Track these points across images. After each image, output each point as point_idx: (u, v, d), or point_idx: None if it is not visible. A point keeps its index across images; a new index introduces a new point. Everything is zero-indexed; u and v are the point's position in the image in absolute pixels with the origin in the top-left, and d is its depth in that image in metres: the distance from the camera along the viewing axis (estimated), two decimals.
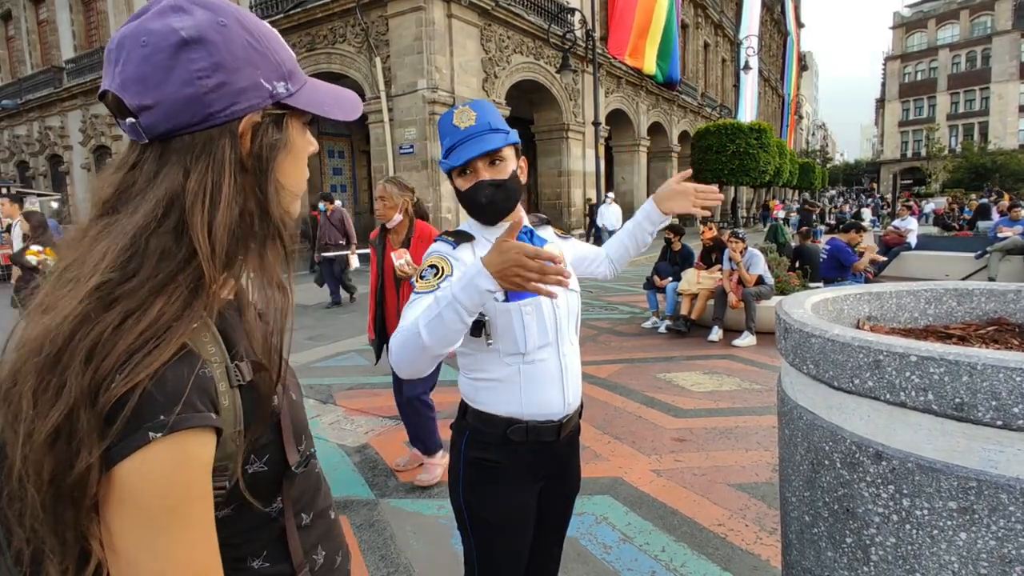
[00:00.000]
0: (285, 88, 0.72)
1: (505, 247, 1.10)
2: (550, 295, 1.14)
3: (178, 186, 0.64)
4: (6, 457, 0.58)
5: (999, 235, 10.00)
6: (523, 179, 1.49)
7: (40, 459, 0.54)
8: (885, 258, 10.59)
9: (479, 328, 1.40)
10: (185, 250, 0.63)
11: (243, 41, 0.68)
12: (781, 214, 26.23)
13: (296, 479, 0.76)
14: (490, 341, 1.40)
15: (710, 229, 7.57)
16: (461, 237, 1.46)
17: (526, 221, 1.53)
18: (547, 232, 1.61)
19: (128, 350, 0.57)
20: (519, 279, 1.09)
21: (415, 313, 1.24)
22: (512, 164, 1.45)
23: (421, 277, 1.36)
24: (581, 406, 1.58)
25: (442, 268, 1.35)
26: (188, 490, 0.59)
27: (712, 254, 7.38)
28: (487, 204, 1.42)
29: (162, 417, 0.57)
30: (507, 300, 1.38)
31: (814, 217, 19.61)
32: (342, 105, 0.78)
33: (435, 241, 1.48)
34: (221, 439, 0.64)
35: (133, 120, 0.65)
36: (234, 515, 0.70)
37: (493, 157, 1.41)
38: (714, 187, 1.65)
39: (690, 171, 1.68)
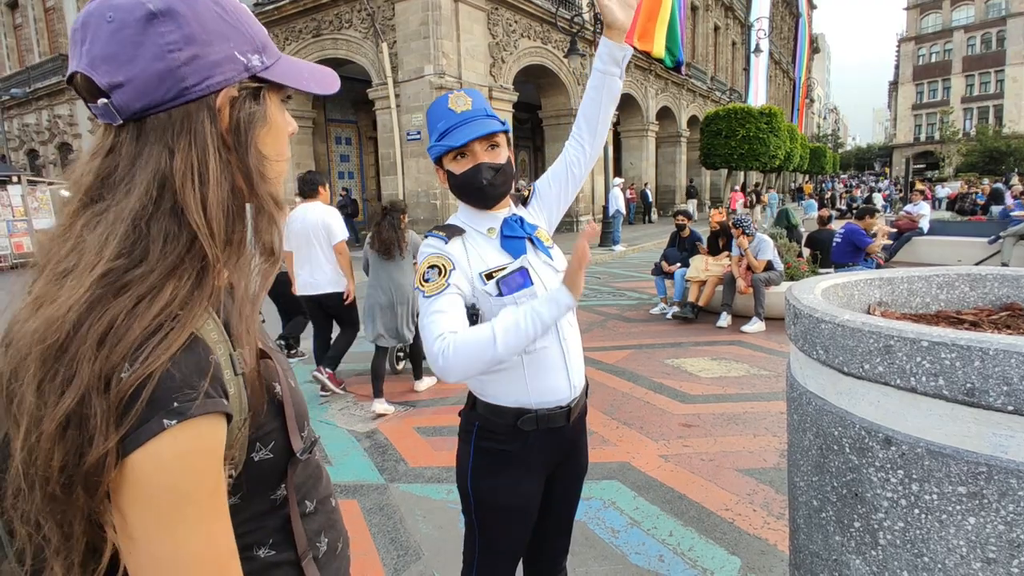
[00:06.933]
0: (260, 61, 0.69)
1: (581, 273, 1.22)
2: None
3: (165, 166, 0.62)
4: (8, 455, 0.56)
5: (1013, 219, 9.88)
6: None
7: (50, 448, 0.53)
8: (895, 231, 10.49)
9: (473, 322, 1.40)
10: (187, 232, 0.62)
11: (213, 13, 0.65)
12: (742, 206, 20.38)
13: (300, 466, 0.76)
14: None
15: (720, 213, 7.51)
16: (451, 231, 1.44)
17: (515, 210, 1.52)
18: (526, 211, 1.56)
19: (143, 334, 0.56)
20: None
21: (446, 321, 1.26)
22: (506, 152, 1.44)
23: (425, 280, 1.34)
24: (586, 386, 1.58)
25: (443, 266, 1.35)
26: (203, 477, 0.58)
27: (719, 240, 7.33)
28: (487, 186, 1.40)
29: (176, 404, 0.56)
30: (501, 295, 1.37)
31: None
32: (318, 79, 0.76)
33: (426, 237, 1.45)
34: (229, 426, 0.63)
35: (105, 100, 0.62)
36: (240, 504, 0.69)
37: (491, 141, 1.40)
38: None
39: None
